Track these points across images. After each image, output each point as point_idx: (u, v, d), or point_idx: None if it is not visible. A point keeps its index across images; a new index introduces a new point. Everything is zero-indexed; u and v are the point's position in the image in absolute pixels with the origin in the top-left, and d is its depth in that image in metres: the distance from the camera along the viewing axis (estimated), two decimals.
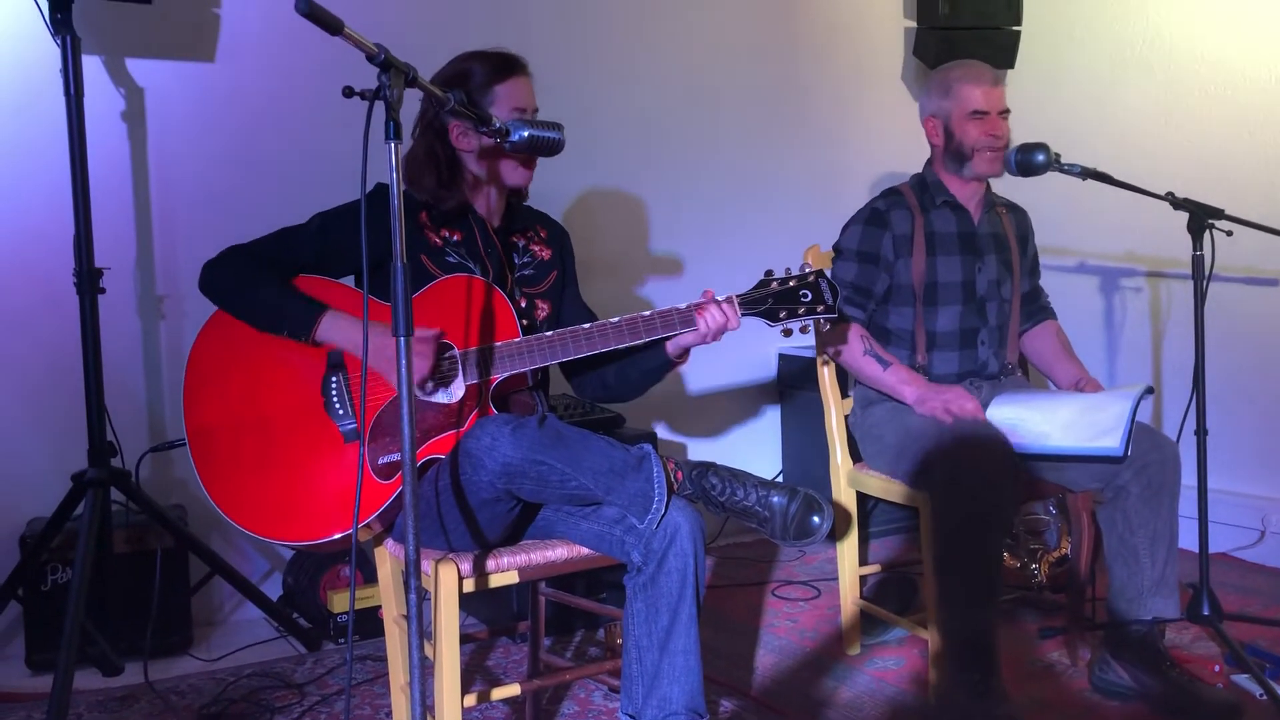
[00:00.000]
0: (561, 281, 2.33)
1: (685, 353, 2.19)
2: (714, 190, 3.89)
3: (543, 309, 2.26)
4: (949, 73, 2.68)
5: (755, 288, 2.15)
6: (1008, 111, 2.65)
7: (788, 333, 2.14)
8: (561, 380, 2.44)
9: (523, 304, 2.22)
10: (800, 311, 2.12)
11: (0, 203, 2.86)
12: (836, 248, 2.70)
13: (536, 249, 2.30)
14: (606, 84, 3.67)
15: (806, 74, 4.07)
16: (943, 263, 2.64)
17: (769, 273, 2.16)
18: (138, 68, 3.00)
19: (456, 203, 2.17)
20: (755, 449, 3.96)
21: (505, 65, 2.16)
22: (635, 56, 3.73)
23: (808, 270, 2.15)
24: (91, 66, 2.90)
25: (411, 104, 2.00)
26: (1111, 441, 2.30)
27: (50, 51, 2.63)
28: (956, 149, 2.63)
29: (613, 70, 3.69)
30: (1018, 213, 2.83)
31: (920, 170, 2.75)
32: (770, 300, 2.13)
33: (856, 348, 2.60)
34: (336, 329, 2.03)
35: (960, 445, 2.35)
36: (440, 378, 2.03)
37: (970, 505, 2.28)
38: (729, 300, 2.12)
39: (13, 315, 2.88)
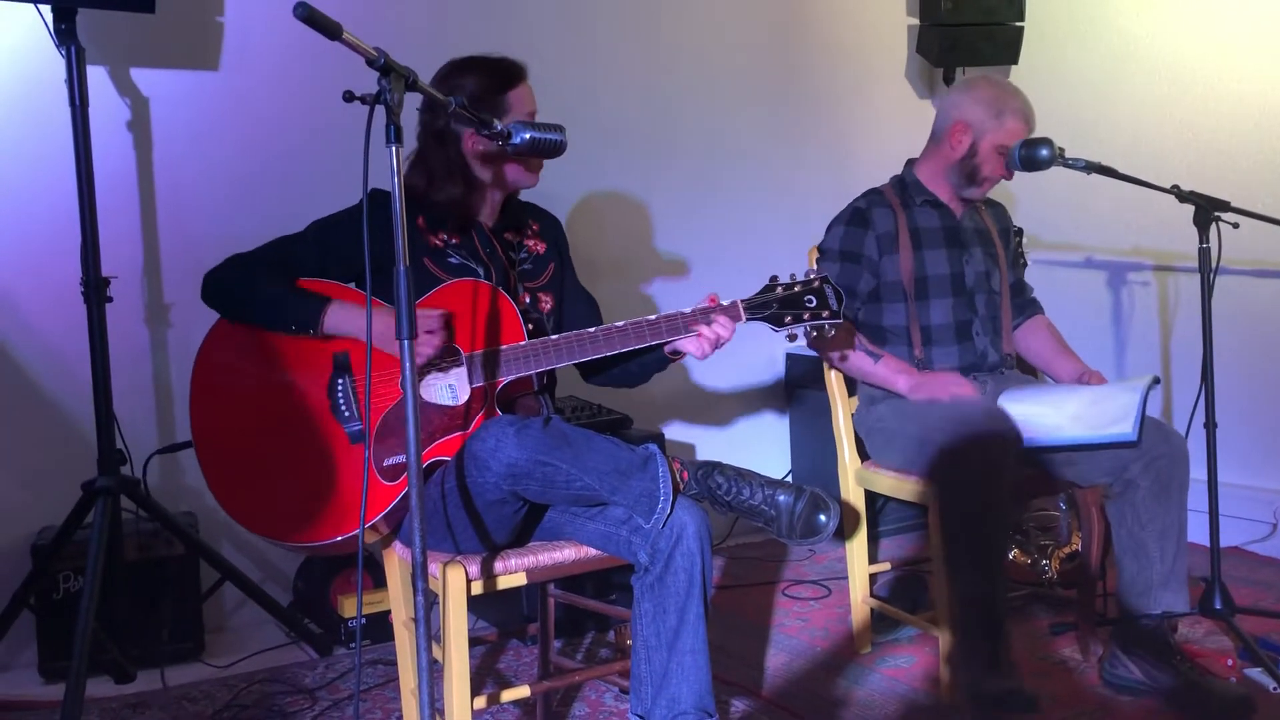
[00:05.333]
0: (560, 272, 2.35)
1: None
2: (717, 190, 3.89)
3: (546, 302, 2.27)
4: (1006, 98, 2.62)
5: (760, 293, 2.16)
6: None
7: (793, 338, 2.17)
8: (568, 384, 2.44)
9: (526, 300, 2.23)
10: (805, 317, 2.14)
11: (7, 213, 2.87)
12: (820, 248, 2.72)
13: (531, 243, 2.31)
14: (610, 85, 3.67)
15: (810, 73, 4.07)
16: (930, 256, 2.65)
17: (774, 278, 2.18)
18: (142, 77, 3.01)
19: (469, 209, 2.18)
20: (764, 449, 3.95)
21: (512, 73, 2.17)
22: (638, 58, 3.73)
23: (812, 275, 2.16)
24: (96, 76, 2.90)
25: (412, 108, 2.01)
26: (1124, 427, 2.31)
27: (55, 62, 2.64)
28: (972, 169, 2.64)
29: (616, 72, 3.68)
30: (995, 208, 2.86)
31: (899, 172, 2.76)
32: (775, 305, 2.14)
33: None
34: (343, 318, 2.04)
35: (961, 418, 2.37)
36: (442, 363, 2.04)
37: (975, 471, 2.31)
38: (732, 305, 2.12)
39: (21, 324, 2.89)
